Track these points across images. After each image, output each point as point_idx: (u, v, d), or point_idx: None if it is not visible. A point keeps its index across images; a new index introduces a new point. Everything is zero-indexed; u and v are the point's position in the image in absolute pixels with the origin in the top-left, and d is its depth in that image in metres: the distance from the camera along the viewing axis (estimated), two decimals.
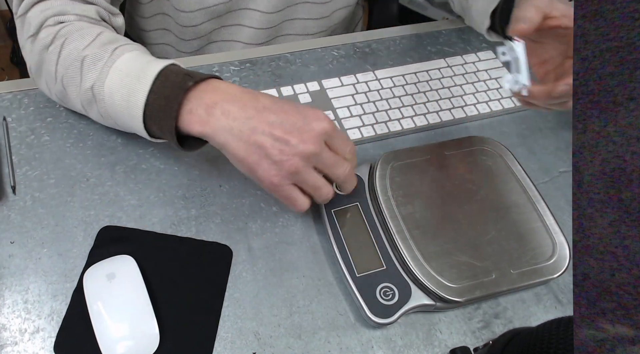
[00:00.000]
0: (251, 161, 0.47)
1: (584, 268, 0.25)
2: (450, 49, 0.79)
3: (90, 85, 0.51)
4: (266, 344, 0.50)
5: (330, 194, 0.51)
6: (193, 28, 0.75)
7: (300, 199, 0.49)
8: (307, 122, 0.46)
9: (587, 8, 0.25)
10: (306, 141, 0.46)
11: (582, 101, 0.26)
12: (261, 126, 0.46)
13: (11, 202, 0.56)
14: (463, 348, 0.46)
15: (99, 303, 0.48)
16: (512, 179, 0.60)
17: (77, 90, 0.53)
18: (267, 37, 0.80)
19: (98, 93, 0.51)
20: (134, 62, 0.50)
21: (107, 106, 0.51)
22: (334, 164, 0.49)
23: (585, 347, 0.24)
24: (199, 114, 0.47)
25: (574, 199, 0.26)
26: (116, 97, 0.50)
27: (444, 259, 0.53)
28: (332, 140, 0.49)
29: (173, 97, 0.47)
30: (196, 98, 0.47)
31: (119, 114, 0.51)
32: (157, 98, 0.48)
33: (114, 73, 0.50)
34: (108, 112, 0.52)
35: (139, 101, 0.48)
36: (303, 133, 0.46)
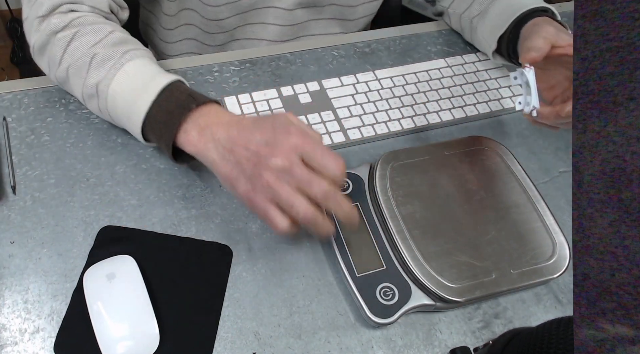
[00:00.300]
0: (232, 177, 0.48)
1: (584, 268, 0.25)
2: (450, 49, 0.79)
3: (96, 82, 0.54)
4: (266, 344, 0.50)
5: (307, 213, 0.46)
6: (218, 22, 0.76)
7: (277, 216, 0.46)
8: (276, 137, 0.47)
9: (587, 8, 0.25)
10: (276, 155, 0.46)
11: (582, 101, 0.26)
12: (239, 142, 0.48)
13: (11, 202, 0.56)
14: (463, 348, 0.46)
15: (99, 303, 0.48)
16: (512, 179, 0.60)
17: (81, 82, 0.56)
18: (292, 35, 0.80)
19: (102, 91, 0.54)
20: (143, 70, 0.54)
21: (109, 105, 0.55)
22: (308, 180, 0.46)
23: (585, 347, 0.24)
24: (192, 135, 0.51)
25: (574, 199, 0.26)
26: (119, 100, 0.54)
27: (444, 259, 0.53)
28: (307, 156, 0.46)
29: (176, 114, 0.51)
30: (193, 120, 0.51)
31: (118, 115, 0.55)
32: (159, 111, 0.52)
33: (122, 76, 0.53)
34: (108, 110, 0.56)
35: (142, 109, 0.52)
36: (274, 147, 0.46)
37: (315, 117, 0.66)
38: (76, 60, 0.55)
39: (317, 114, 0.66)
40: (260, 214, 0.48)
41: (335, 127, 0.65)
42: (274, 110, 0.66)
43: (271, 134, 0.47)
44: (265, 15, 0.77)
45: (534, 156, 0.67)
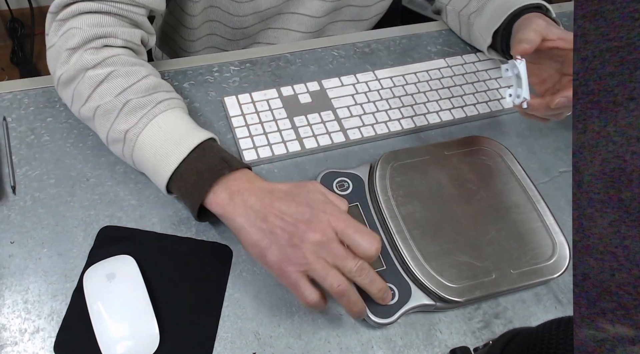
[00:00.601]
0: (262, 246, 0.48)
1: (584, 268, 0.25)
2: (450, 49, 0.79)
3: (125, 129, 0.53)
4: (266, 344, 0.50)
5: (342, 285, 0.46)
6: (243, 30, 0.76)
7: (308, 289, 0.46)
8: (315, 214, 0.47)
9: (587, 8, 0.25)
10: (314, 230, 0.46)
11: (582, 101, 0.26)
12: (274, 212, 0.48)
13: (11, 202, 0.56)
14: (463, 348, 0.46)
15: (99, 303, 0.48)
16: (512, 179, 0.60)
17: (108, 125, 0.54)
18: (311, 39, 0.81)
19: (130, 139, 0.53)
20: (176, 123, 0.53)
21: (135, 153, 0.53)
22: (343, 256, 0.46)
23: (585, 347, 0.24)
24: (222, 197, 0.50)
25: (574, 199, 0.26)
26: (148, 152, 0.52)
27: (444, 259, 0.53)
28: (343, 233, 0.47)
29: (206, 177, 0.50)
30: (223, 183, 0.50)
31: (143, 165, 0.54)
32: (189, 170, 0.51)
33: (153, 128, 0.52)
34: (132, 158, 0.54)
35: (170, 166, 0.51)
36: (311, 222, 0.47)
37: (315, 117, 0.66)
38: (106, 103, 0.53)
39: (317, 114, 0.66)
40: (291, 284, 0.47)
41: (335, 127, 0.65)
42: (274, 110, 0.66)
43: (308, 209, 0.48)
44: (289, 22, 0.77)
45: (534, 156, 0.67)
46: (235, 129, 0.64)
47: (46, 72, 0.62)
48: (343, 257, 0.46)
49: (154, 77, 0.56)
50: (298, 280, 0.47)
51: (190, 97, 0.68)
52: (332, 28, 0.83)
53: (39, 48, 1.84)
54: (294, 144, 0.63)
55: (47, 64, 0.59)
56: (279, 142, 0.63)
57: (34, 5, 1.80)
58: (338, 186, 0.58)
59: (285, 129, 0.64)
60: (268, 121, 0.65)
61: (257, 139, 0.63)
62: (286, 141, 0.63)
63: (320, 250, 0.46)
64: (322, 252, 0.46)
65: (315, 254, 0.46)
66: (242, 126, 0.64)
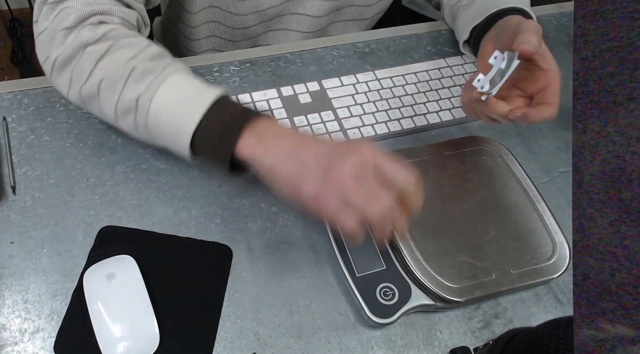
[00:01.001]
0: (296, 179, 0.47)
1: (584, 268, 0.25)
2: (450, 49, 0.79)
3: (136, 95, 0.51)
4: (266, 344, 0.50)
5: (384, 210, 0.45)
6: (244, 30, 0.76)
7: (349, 217, 0.45)
8: (350, 147, 0.47)
9: (587, 8, 0.25)
10: (350, 162, 0.45)
11: (582, 101, 0.26)
12: (306, 146, 0.48)
13: (11, 202, 0.56)
14: (463, 348, 0.46)
15: (99, 303, 0.48)
16: (512, 179, 0.60)
17: (116, 97, 0.52)
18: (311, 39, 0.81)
19: (142, 105, 0.51)
20: (188, 83, 0.52)
21: (150, 120, 0.51)
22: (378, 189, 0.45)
23: (585, 347, 0.24)
24: (250, 141, 0.49)
25: (574, 199, 0.26)
26: (164, 114, 0.50)
27: (444, 259, 0.53)
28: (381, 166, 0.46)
29: (233, 125, 0.49)
30: (251, 128, 0.49)
31: (160, 130, 0.51)
32: (214, 122, 0.49)
33: (165, 90, 0.50)
34: (147, 126, 0.52)
35: (191, 123, 0.49)
36: (346, 155, 0.46)
37: (315, 117, 0.66)
38: (110, 74, 0.52)
39: (317, 114, 0.66)
40: (329, 215, 0.46)
41: (335, 127, 0.65)
42: (274, 110, 0.66)
43: (342, 144, 0.48)
44: (289, 22, 0.77)
45: (534, 156, 0.67)
46: None
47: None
48: (378, 190, 0.45)
49: (157, 46, 0.54)
50: (337, 210, 0.45)
51: None
52: (333, 28, 0.83)
53: None
54: None
55: (37, 53, 0.56)
56: None
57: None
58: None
59: None
60: None
61: None
62: None
63: (356, 181, 0.45)
64: (359, 182, 0.45)
65: (352, 185, 0.45)
66: None
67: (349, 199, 0.45)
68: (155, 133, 0.52)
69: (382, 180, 0.46)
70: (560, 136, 0.70)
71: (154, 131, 0.52)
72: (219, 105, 0.50)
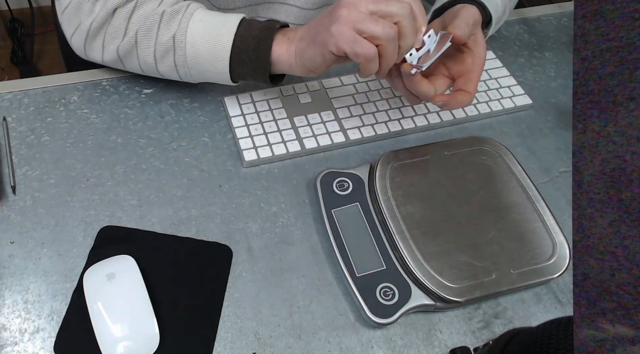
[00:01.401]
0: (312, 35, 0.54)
1: (584, 268, 0.25)
2: None
3: (172, 35, 0.57)
4: (266, 344, 0.50)
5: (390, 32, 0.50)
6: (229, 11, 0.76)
7: (365, 43, 0.50)
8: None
9: (587, 8, 0.25)
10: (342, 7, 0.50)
11: (582, 101, 0.26)
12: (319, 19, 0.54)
13: (11, 202, 0.56)
14: (463, 348, 0.46)
15: (99, 303, 0.48)
16: (512, 179, 0.60)
17: (153, 42, 0.58)
18: None
19: (179, 41, 0.57)
20: (211, 14, 0.58)
21: (188, 53, 0.58)
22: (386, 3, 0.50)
23: (585, 347, 0.24)
24: (281, 43, 0.56)
25: (574, 199, 0.26)
26: (200, 44, 0.57)
27: (444, 259, 0.53)
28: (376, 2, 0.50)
29: (264, 36, 0.56)
30: (281, 34, 0.57)
31: (200, 60, 0.58)
32: (245, 40, 0.56)
33: (195, 23, 0.57)
34: (187, 60, 0.58)
35: (226, 44, 0.56)
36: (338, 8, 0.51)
37: (315, 117, 0.66)
38: (143, 24, 0.58)
39: (317, 114, 0.66)
40: (348, 44, 0.50)
41: (335, 127, 0.65)
42: (274, 110, 0.66)
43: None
44: (277, 12, 0.76)
45: (534, 156, 0.67)
46: (235, 129, 0.64)
47: (46, 72, 0.62)
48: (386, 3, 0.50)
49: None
50: (354, 36, 0.50)
51: (190, 97, 0.68)
52: None
53: (39, 48, 1.84)
54: (294, 144, 0.63)
55: (64, 28, 0.61)
56: (279, 142, 0.63)
57: (34, 5, 1.80)
58: (338, 186, 0.58)
59: (285, 129, 0.64)
60: (268, 121, 0.65)
61: (257, 139, 0.63)
62: (286, 141, 0.63)
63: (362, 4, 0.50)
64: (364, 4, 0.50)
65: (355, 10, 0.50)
66: (242, 126, 0.64)
67: (360, 23, 0.50)
68: (194, 65, 0.58)
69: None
70: (560, 136, 0.70)
71: (193, 63, 0.58)
72: (245, 24, 0.57)
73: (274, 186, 0.61)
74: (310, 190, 0.61)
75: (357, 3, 0.50)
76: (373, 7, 0.50)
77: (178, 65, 0.59)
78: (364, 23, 0.49)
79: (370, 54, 0.50)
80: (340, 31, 0.50)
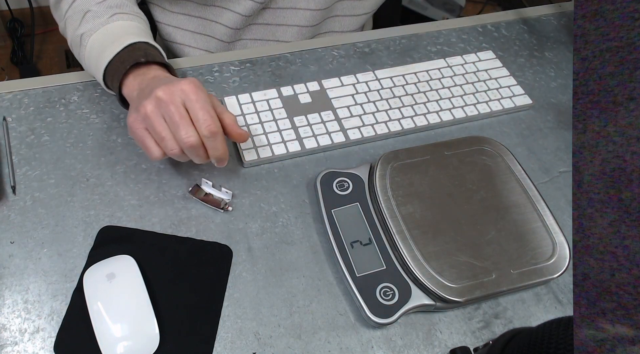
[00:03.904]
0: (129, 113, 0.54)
1: (584, 268, 0.25)
2: (450, 49, 0.79)
3: (82, 33, 0.61)
4: (266, 344, 0.50)
5: (174, 151, 0.50)
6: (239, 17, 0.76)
7: (152, 146, 0.51)
8: (172, 80, 0.52)
9: (587, 8, 0.25)
10: (161, 90, 0.50)
11: (582, 101, 0.26)
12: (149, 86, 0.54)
13: (11, 202, 0.56)
14: (463, 348, 0.46)
15: (99, 303, 0.48)
16: (512, 179, 0.60)
17: (72, 33, 0.62)
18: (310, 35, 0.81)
19: (84, 41, 0.61)
20: (122, 29, 0.60)
21: (86, 54, 0.61)
22: (178, 122, 0.49)
23: (585, 347, 0.24)
24: (130, 81, 0.56)
25: (574, 199, 0.26)
26: (93, 51, 0.60)
27: (444, 259, 0.53)
28: (190, 103, 0.50)
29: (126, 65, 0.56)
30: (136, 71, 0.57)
31: (90, 63, 0.61)
32: (117, 60, 0.57)
33: (102, 32, 0.60)
34: (84, 59, 0.62)
35: (106, 59, 0.58)
36: (164, 85, 0.51)
37: (315, 117, 0.66)
38: (74, 14, 0.62)
39: (317, 114, 0.66)
40: (139, 141, 0.52)
41: (335, 127, 0.65)
42: (274, 110, 0.66)
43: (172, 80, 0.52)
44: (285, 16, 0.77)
45: (534, 156, 0.67)
46: None
47: (46, 72, 0.62)
48: (177, 123, 0.49)
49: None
50: (144, 137, 0.51)
51: None
52: (330, 24, 0.83)
53: (39, 48, 1.84)
54: (294, 144, 0.63)
55: None
56: (279, 142, 0.63)
57: (34, 5, 1.79)
58: (338, 186, 0.58)
59: (285, 129, 0.64)
60: (268, 121, 0.65)
61: (257, 139, 0.63)
62: (286, 141, 0.63)
63: (159, 108, 0.50)
64: (161, 111, 0.50)
65: (155, 113, 0.50)
66: (242, 126, 0.64)
67: (151, 129, 0.51)
68: (88, 66, 0.62)
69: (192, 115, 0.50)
70: (560, 136, 0.70)
71: (87, 63, 0.62)
72: (131, 47, 0.57)
73: (274, 186, 0.61)
74: (310, 190, 0.61)
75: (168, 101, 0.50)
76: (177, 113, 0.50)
77: (80, 58, 0.63)
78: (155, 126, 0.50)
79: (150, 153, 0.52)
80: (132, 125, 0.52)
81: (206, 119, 0.50)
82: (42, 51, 1.84)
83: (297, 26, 0.78)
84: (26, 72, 1.74)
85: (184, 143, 0.50)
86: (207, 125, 0.50)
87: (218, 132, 0.50)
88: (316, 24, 0.79)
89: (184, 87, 0.50)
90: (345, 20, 0.83)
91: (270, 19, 0.77)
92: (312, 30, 0.80)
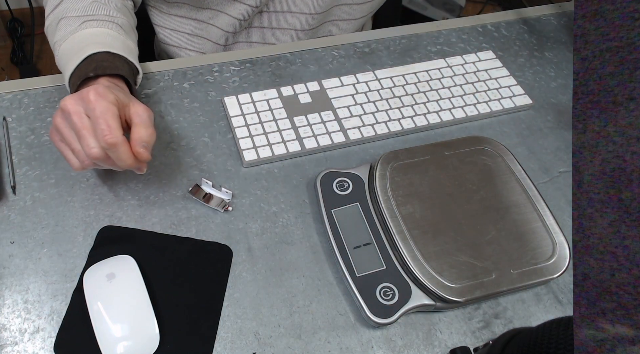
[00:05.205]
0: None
1: (584, 268, 0.25)
2: (450, 49, 0.79)
3: (55, 41, 0.62)
4: (266, 344, 0.50)
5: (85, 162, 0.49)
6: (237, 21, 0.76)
7: (70, 158, 0.50)
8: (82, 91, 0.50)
9: (587, 8, 0.25)
10: (66, 100, 0.49)
11: (582, 101, 0.26)
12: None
13: (11, 202, 0.56)
14: (463, 348, 0.46)
15: (99, 303, 0.48)
16: (512, 179, 0.60)
17: (51, 41, 0.63)
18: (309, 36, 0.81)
19: (56, 50, 0.62)
20: (87, 38, 0.60)
21: (58, 59, 0.62)
22: (79, 133, 0.48)
23: (585, 347, 0.24)
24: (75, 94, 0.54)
25: (574, 199, 0.26)
26: (62, 62, 0.60)
27: (444, 259, 0.53)
28: (90, 113, 0.48)
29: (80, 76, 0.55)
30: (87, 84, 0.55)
31: (61, 67, 0.61)
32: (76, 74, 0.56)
33: (71, 41, 0.60)
34: (58, 63, 0.62)
35: (68, 72, 0.57)
36: (70, 96, 0.50)
37: (315, 117, 0.66)
38: (53, 21, 0.62)
39: (317, 114, 0.66)
40: (59, 150, 0.51)
41: (335, 127, 0.65)
42: (274, 110, 0.66)
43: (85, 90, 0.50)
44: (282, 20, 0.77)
45: (534, 156, 0.67)
46: (235, 129, 0.64)
47: (46, 72, 0.62)
48: (77, 133, 0.48)
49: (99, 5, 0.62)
50: (63, 149, 0.51)
51: (190, 97, 0.68)
52: (329, 28, 0.83)
53: (39, 48, 1.84)
54: (294, 144, 0.63)
55: None
56: (279, 142, 0.63)
57: (34, 5, 1.79)
58: (338, 186, 0.58)
59: (285, 129, 0.64)
60: (268, 121, 0.65)
61: (257, 139, 0.63)
62: (286, 141, 0.63)
63: (65, 120, 0.49)
64: (67, 120, 0.49)
65: (63, 124, 0.50)
66: (242, 126, 0.64)
67: (64, 140, 0.50)
68: (61, 69, 0.61)
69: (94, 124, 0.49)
70: (560, 136, 0.70)
71: (61, 68, 0.61)
72: (87, 61, 0.56)
73: (274, 186, 0.61)
74: (310, 190, 0.61)
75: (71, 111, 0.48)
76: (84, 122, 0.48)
77: (57, 60, 0.63)
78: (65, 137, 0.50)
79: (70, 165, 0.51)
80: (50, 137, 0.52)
81: (103, 129, 0.47)
82: (42, 51, 1.84)
83: (293, 30, 0.78)
84: (26, 72, 1.75)
85: (88, 154, 0.48)
86: (103, 135, 0.47)
87: (117, 143, 0.47)
88: (313, 28, 0.80)
89: (86, 95, 0.48)
90: (343, 24, 0.83)
91: (266, 23, 0.77)
92: (309, 34, 0.80)
